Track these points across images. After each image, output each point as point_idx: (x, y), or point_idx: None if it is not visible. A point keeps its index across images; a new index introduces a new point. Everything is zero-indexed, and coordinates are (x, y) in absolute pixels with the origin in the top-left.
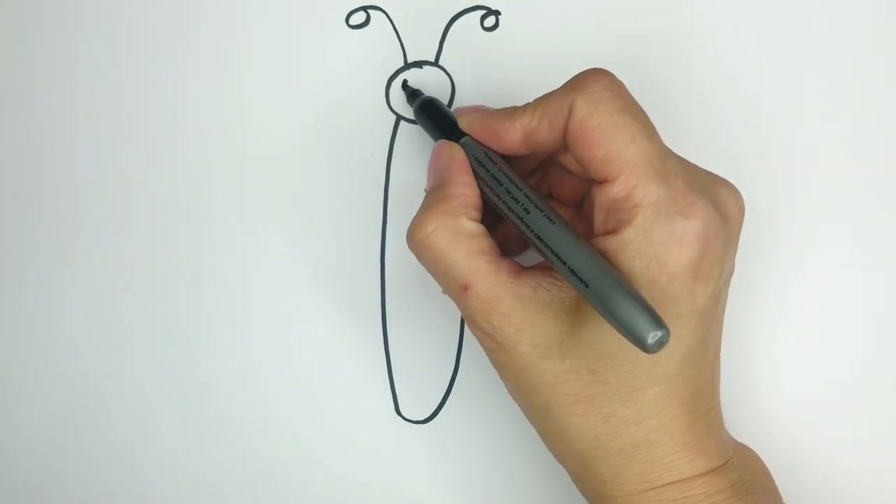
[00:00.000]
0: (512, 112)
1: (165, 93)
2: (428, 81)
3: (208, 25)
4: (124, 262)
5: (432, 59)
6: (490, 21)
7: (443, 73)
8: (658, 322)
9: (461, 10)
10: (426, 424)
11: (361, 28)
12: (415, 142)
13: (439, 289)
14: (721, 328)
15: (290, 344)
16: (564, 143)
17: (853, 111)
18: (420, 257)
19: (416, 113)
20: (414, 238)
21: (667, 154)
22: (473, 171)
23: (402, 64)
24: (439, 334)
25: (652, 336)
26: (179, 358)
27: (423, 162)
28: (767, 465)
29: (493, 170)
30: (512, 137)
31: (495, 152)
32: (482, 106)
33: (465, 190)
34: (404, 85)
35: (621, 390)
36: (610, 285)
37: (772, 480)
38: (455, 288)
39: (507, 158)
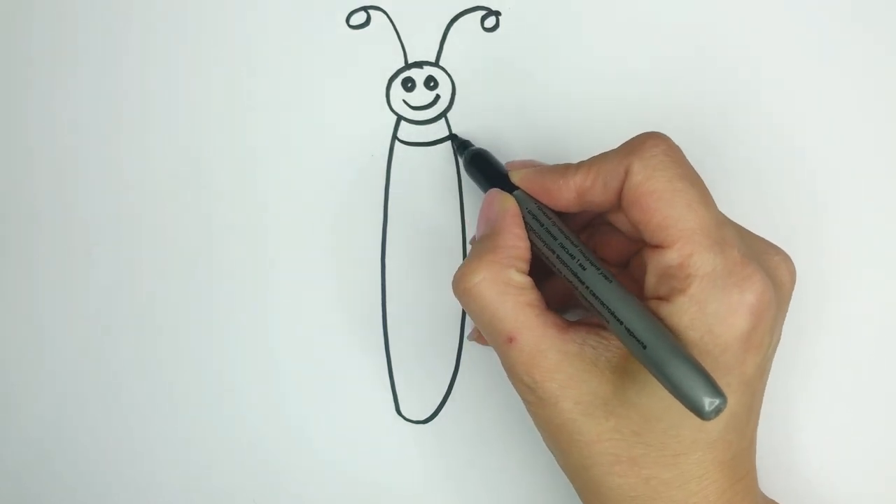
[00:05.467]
0: (565, 169)
1: (166, 93)
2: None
3: (208, 26)
4: (125, 263)
5: (432, 60)
6: (490, 21)
7: (443, 73)
8: (716, 389)
9: (461, 10)
10: (426, 424)
11: (362, 28)
12: (415, 142)
13: (441, 289)
14: (763, 393)
15: (290, 344)
16: (618, 203)
17: None
18: (466, 305)
19: (465, 165)
20: (460, 286)
21: (723, 223)
22: (525, 223)
23: (402, 64)
24: (439, 334)
25: (709, 403)
26: (179, 358)
27: (423, 162)
28: None
29: (548, 224)
30: (565, 195)
31: (548, 207)
32: (533, 160)
33: (517, 242)
34: (454, 137)
35: (664, 453)
36: (668, 348)
37: None
38: (500, 339)
39: (558, 214)
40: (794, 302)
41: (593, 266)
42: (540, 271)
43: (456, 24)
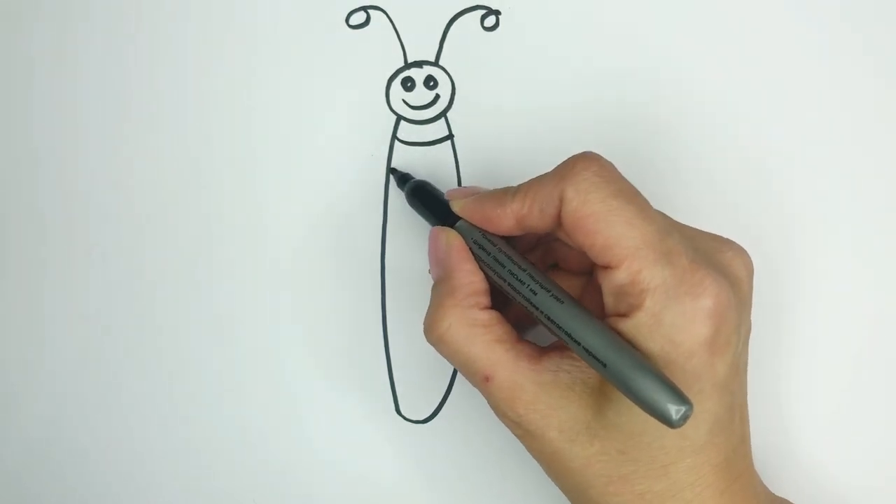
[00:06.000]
0: (502, 196)
1: (165, 92)
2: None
3: (208, 26)
4: (125, 263)
5: (432, 59)
6: (490, 21)
7: (443, 72)
8: (680, 396)
9: (461, 9)
10: (426, 424)
11: (361, 28)
12: (415, 142)
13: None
14: (745, 387)
15: (290, 344)
16: (559, 226)
17: (863, 161)
18: (440, 352)
19: (407, 197)
20: (431, 336)
21: (666, 231)
22: (474, 254)
23: (402, 64)
24: None
25: (675, 411)
26: (179, 358)
27: (423, 161)
28: None
29: (494, 252)
30: (505, 223)
31: (493, 234)
32: (474, 188)
33: (471, 277)
34: (393, 170)
35: (653, 466)
36: (628, 364)
37: None
38: (477, 380)
39: (507, 237)
40: (789, 297)
41: (544, 289)
42: (504, 296)
43: (456, 24)
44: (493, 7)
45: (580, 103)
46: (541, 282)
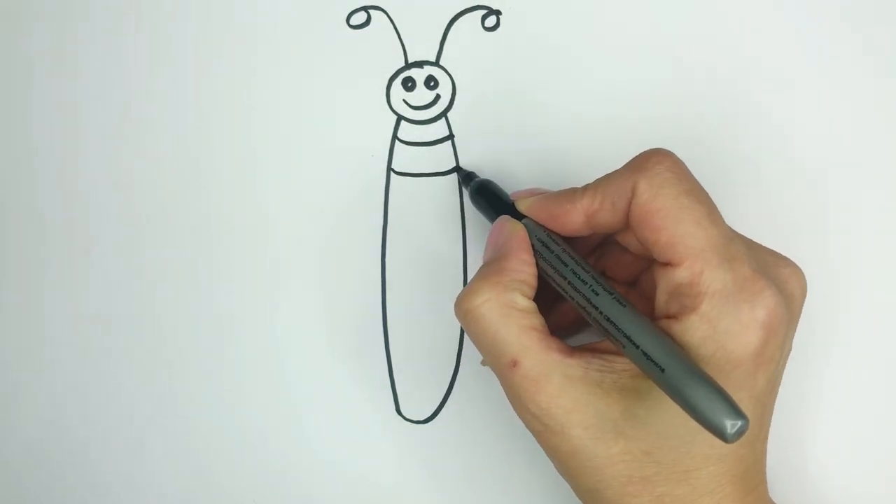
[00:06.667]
0: (572, 194)
1: (165, 92)
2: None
3: (208, 26)
4: (125, 263)
5: (433, 59)
6: (491, 21)
7: (443, 72)
8: (737, 411)
9: (462, 9)
10: (426, 424)
11: (362, 28)
12: (415, 142)
13: (441, 289)
14: (773, 405)
15: (289, 344)
16: (626, 223)
17: None
18: (467, 327)
19: (471, 196)
20: (462, 306)
21: (731, 238)
22: (535, 251)
23: (402, 64)
24: (439, 334)
25: (731, 426)
26: (179, 358)
27: (423, 161)
28: None
29: (558, 251)
30: (573, 220)
31: (557, 234)
32: (538, 188)
33: (524, 267)
34: (458, 168)
35: (676, 470)
36: (686, 371)
37: None
38: (502, 363)
39: (567, 239)
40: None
41: (606, 291)
42: (544, 300)
43: (456, 24)
44: (494, 7)
45: (580, 103)
46: (603, 284)
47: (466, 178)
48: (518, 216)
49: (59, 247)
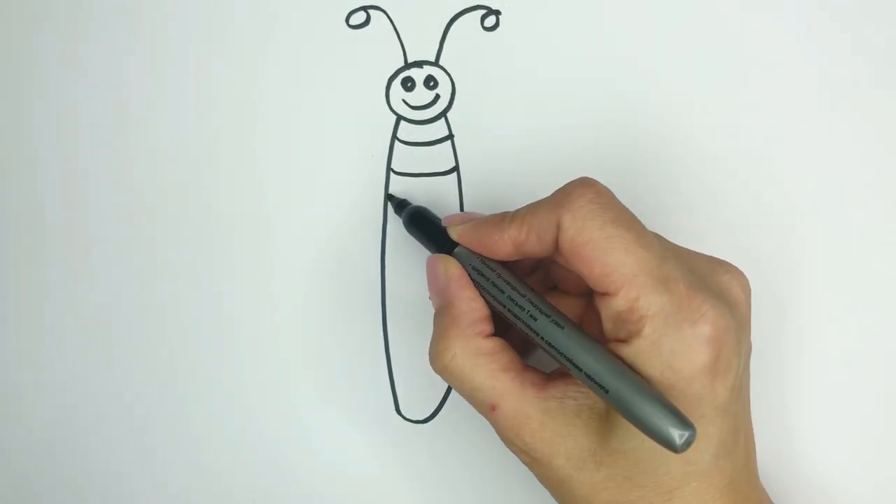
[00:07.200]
0: (500, 222)
1: (166, 92)
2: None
3: (208, 26)
4: (126, 263)
5: (432, 59)
6: (490, 21)
7: (443, 72)
8: (682, 421)
9: (461, 9)
10: (426, 424)
11: (361, 28)
12: (415, 142)
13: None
14: (748, 408)
15: (289, 344)
16: (556, 252)
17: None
18: (447, 381)
19: (405, 224)
20: (437, 366)
21: (663, 257)
22: (473, 280)
23: (402, 64)
24: None
25: (679, 436)
26: (180, 358)
27: (423, 161)
28: None
29: (493, 277)
30: (502, 249)
31: (491, 259)
32: (471, 213)
33: (472, 305)
34: (390, 197)
35: (659, 492)
36: (630, 389)
37: None
38: (484, 409)
39: (506, 261)
40: (789, 308)
41: (543, 315)
42: (506, 322)
43: (456, 24)
44: (493, 7)
45: (581, 103)
46: (540, 307)
47: (399, 205)
48: (452, 243)
49: (60, 246)
